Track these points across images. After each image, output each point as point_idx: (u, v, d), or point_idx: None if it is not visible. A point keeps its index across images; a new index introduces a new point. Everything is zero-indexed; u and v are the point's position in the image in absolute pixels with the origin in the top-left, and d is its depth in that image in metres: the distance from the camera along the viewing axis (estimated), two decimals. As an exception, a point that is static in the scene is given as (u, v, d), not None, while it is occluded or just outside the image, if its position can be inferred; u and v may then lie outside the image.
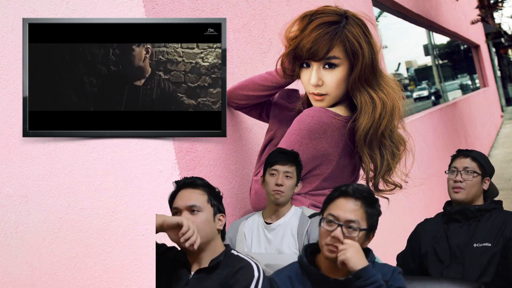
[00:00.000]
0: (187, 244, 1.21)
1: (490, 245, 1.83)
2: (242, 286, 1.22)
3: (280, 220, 1.47)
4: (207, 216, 1.29)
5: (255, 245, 1.48)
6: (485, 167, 1.94)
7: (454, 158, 2.00)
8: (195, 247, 1.22)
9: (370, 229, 1.19)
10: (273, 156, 1.46)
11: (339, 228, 1.15)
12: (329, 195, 1.23)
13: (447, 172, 2.00)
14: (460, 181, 1.91)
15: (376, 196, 1.23)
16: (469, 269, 1.82)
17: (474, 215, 1.89)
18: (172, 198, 1.33)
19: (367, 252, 1.23)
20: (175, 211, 1.30)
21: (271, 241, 1.46)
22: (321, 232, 1.18)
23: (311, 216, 1.44)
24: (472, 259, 1.83)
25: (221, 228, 1.33)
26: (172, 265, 1.32)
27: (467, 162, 1.93)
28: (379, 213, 1.21)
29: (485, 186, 1.95)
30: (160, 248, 1.35)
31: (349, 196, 1.18)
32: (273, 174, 1.44)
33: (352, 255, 1.12)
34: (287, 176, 1.43)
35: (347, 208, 1.17)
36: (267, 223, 1.48)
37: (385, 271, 1.21)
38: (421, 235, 1.98)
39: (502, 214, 1.89)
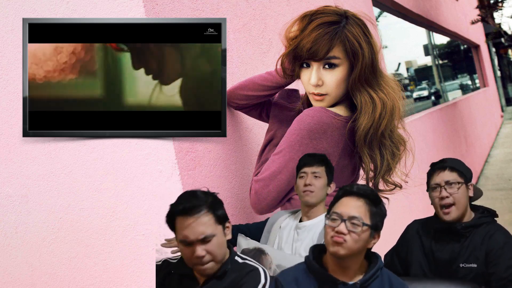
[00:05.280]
0: None
1: (475, 266, 1.73)
2: None
3: (308, 222, 1.45)
4: (219, 238, 1.21)
5: (282, 239, 1.47)
6: (465, 174, 1.80)
7: (430, 174, 1.83)
8: None
9: (375, 228, 1.19)
10: (301, 160, 1.45)
11: (342, 223, 1.16)
12: (334, 196, 1.24)
13: (427, 190, 1.85)
14: (447, 197, 1.76)
15: (380, 198, 1.22)
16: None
17: (461, 234, 1.78)
18: (172, 221, 1.21)
19: (375, 258, 1.23)
20: (184, 242, 1.19)
21: (295, 240, 1.45)
22: (326, 229, 1.20)
23: None
24: (457, 278, 1.74)
25: (230, 236, 1.26)
26: (178, 280, 1.28)
27: (446, 175, 1.78)
28: (384, 214, 1.21)
29: (471, 193, 1.82)
30: (163, 269, 1.31)
31: (352, 195, 1.20)
32: (302, 176, 1.44)
33: None
34: (315, 177, 1.42)
35: (350, 205, 1.18)
36: (299, 222, 1.47)
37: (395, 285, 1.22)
38: (409, 243, 1.89)
39: (488, 230, 1.78)
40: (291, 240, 1.46)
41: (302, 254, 1.40)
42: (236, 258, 1.28)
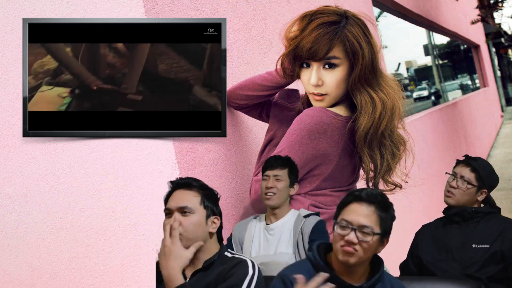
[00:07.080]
0: None
1: (488, 246, 1.84)
2: (236, 279, 1.21)
3: (278, 222, 1.48)
4: (198, 219, 1.25)
5: (255, 245, 1.48)
6: (484, 180, 1.93)
7: (458, 162, 2.01)
8: None
9: (384, 234, 1.17)
10: (266, 163, 1.50)
11: (352, 232, 1.14)
12: (342, 200, 1.21)
13: (449, 173, 2.02)
14: (454, 187, 1.93)
15: (390, 201, 1.20)
16: (465, 267, 1.84)
17: (472, 217, 1.91)
18: (167, 199, 1.30)
19: (379, 264, 1.22)
20: (167, 212, 1.27)
21: (270, 242, 1.46)
22: (335, 236, 1.18)
23: (306, 216, 1.45)
24: (469, 259, 1.84)
25: (215, 231, 1.29)
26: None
27: (466, 172, 1.94)
28: (393, 217, 1.19)
29: (480, 198, 1.95)
30: (157, 269, 1.31)
31: (362, 201, 1.17)
32: (265, 179, 1.49)
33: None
34: (277, 179, 1.46)
35: (361, 213, 1.15)
36: (267, 224, 1.50)
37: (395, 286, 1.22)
38: (419, 240, 2.01)
39: (501, 220, 1.91)
40: (264, 241, 1.48)
41: (283, 251, 1.43)
42: (226, 253, 1.31)
